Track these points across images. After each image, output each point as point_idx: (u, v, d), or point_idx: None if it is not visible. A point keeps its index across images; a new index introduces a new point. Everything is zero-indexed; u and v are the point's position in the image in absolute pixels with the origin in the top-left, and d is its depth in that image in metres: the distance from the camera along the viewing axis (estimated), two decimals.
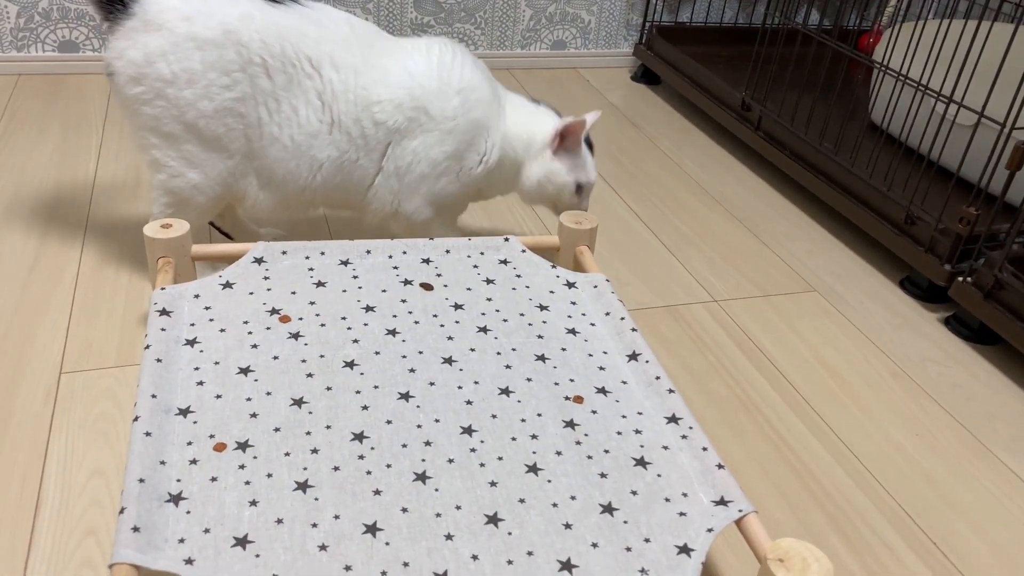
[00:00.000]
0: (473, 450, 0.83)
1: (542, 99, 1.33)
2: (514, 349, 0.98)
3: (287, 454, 0.80)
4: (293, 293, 1.02)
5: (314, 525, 0.74)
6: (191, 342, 0.92)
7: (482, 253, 1.14)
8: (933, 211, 1.48)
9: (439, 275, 1.09)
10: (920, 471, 1.15)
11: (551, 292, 1.08)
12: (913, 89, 1.56)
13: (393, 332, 0.98)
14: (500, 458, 0.83)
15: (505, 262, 1.13)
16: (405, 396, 0.89)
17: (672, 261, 1.57)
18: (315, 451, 0.81)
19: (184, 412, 0.83)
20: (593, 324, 1.04)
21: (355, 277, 1.06)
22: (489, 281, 1.09)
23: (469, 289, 1.07)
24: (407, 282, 1.07)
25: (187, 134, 1.14)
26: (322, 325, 0.97)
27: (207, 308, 0.98)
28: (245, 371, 0.89)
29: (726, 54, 2.33)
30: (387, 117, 1.17)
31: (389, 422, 0.85)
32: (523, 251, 1.15)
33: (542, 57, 2.42)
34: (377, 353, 0.94)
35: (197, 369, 0.89)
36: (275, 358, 0.91)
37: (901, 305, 1.51)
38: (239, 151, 1.17)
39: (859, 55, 1.67)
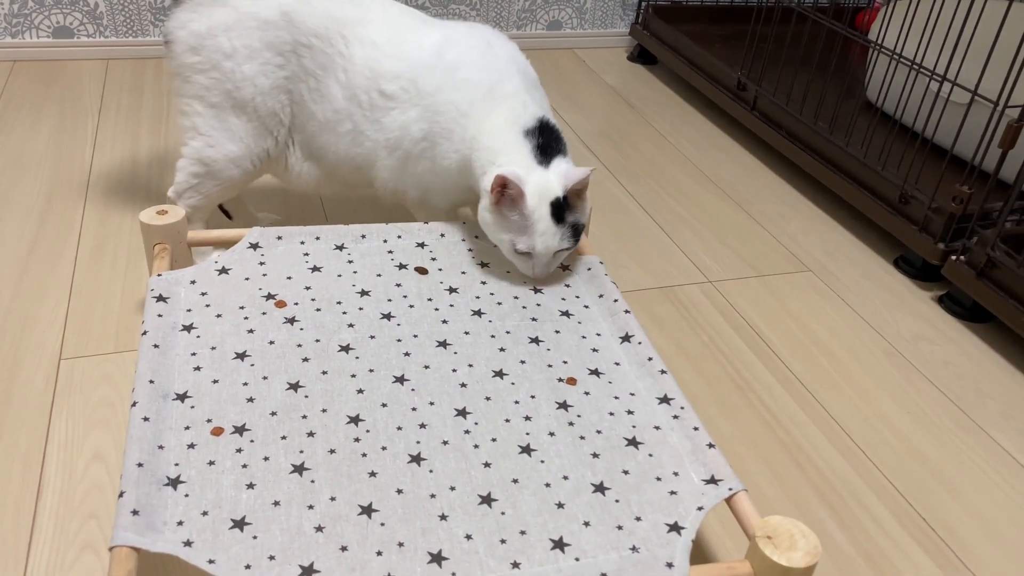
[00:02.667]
0: (467, 432, 0.85)
1: (553, 110, 1.11)
2: (508, 332, 0.99)
3: (283, 437, 0.82)
4: (289, 278, 1.03)
5: (310, 507, 0.75)
6: (188, 328, 0.93)
7: (476, 236, 1.15)
8: (927, 190, 1.49)
9: (434, 259, 1.10)
10: (911, 448, 1.16)
11: None
12: (907, 68, 1.56)
13: (388, 316, 0.99)
14: (494, 439, 0.84)
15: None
16: (400, 379, 0.90)
17: (667, 242, 1.58)
18: (311, 434, 0.82)
19: (182, 397, 0.85)
20: (587, 306, 1.05)
21: (350, 262, 1.07)
22: (483, 264, 1.10)
23: (464, 272, 1.08)
24: (402, 266, 1.08)
25: (235, 108, 1.19)
26: (317, 310, 0.98)
27: (203, 294, 0.98)
28: (241, 356, 0.90)
29: (722, 33, 2.32)
30: (387, 86, 1.18)
31: (384, 405, 0.86)
32: None
33: (538, 38, 2.41)
34: (372, 337, 0.95)
35: (194, 354, 0.90)
36: (271, 343, 0.92)
37: (895, 284, 1.52)
38: (286, 126, 1.23)
39: (853, 33, 1.67)
